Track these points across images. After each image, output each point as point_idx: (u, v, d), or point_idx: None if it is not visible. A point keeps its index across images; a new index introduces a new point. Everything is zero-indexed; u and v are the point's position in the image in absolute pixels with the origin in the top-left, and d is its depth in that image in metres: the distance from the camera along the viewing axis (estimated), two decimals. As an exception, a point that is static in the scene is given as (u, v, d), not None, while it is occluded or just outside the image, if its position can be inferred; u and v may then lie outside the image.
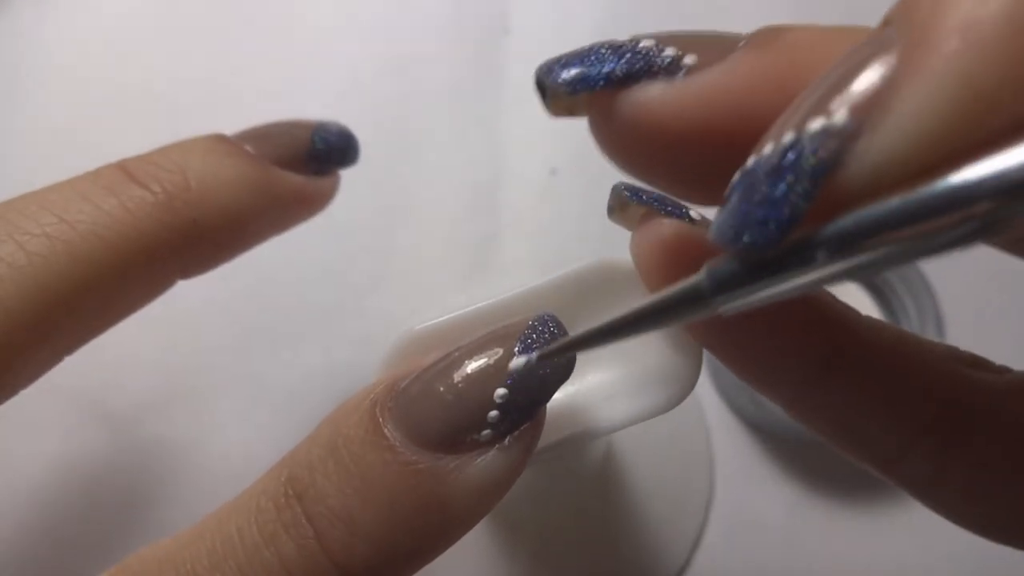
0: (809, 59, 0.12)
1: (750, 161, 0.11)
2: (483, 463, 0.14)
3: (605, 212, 0.17)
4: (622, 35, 0.15)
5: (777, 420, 0.29)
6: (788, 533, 0.30)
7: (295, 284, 0.34)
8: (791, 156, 0.11)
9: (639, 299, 0.13)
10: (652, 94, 0.13)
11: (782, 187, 0.11)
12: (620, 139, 0.14)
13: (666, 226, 0.15)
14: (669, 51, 0.13)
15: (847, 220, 0.10)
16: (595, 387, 0.17)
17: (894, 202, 0.10)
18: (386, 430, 0.14)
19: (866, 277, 0.10)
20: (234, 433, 0.32)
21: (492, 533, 0.28)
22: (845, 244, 0.10)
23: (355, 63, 0.37)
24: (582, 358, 0.15)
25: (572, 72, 0.14)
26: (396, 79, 0.37)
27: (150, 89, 0.37)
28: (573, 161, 0.35)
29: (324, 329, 0.33)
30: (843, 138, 0.10)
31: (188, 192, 0.18)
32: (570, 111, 0.15)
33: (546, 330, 0.14)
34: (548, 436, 0.16)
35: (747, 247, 0.11)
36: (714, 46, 0.13)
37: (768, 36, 0.13)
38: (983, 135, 0.09)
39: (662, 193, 0.16)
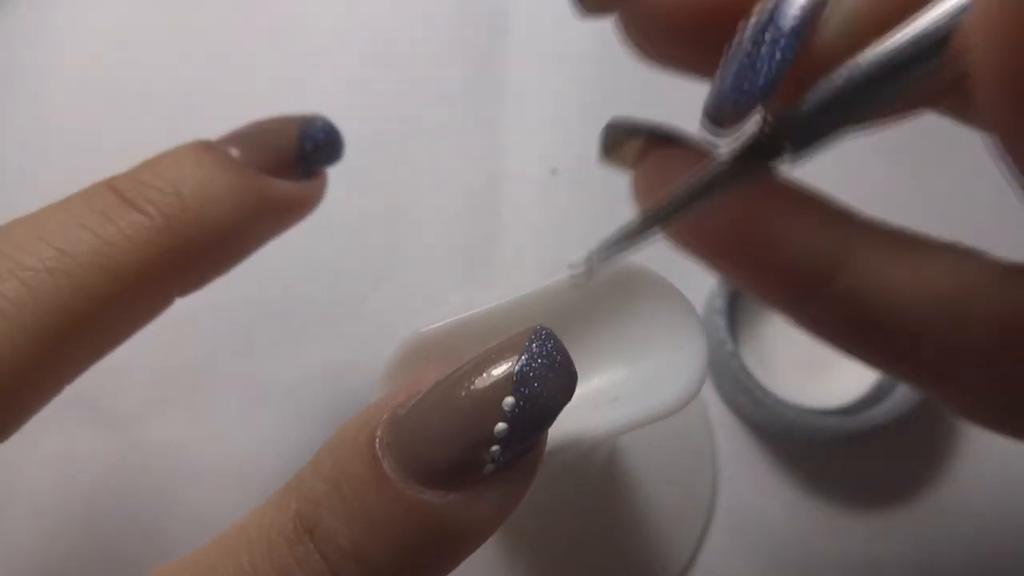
0: None
1: (736, 38, 0.12)
2: (488, 495, 0.14)
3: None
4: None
5: (777, 420, 0.29)
6: (790, 533, 0.30)
7: (295, 284, 0.34)
8: (777, 14, 0.12)
9: (644, 296, 0.13)
10: None
11: (771, 39, 0.12)
12: (649, 19, 0.14)
13: (671, 154, 0.16)
14: None
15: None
16: (600, 390, 0.17)
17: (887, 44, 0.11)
18: (387, 468, 0.14)
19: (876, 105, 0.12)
20: (234, 433, 0.32)
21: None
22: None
23: (355, 63, 0.37)
24: (587, 362, 0.15)
25: None
26: (396, 79, 0.37)
27: (150, 89, 0.37)
28: (573, 161, 0.35)
29: (324, 329, 0.33)
30: None
31: (185, 213, 0.18)
32: (603, 6, 0.15)
33: (544, 349, 0.14)
34: (554, 439, 0.15)
35: (746, 94, 0.12)
36: None
37: None
38: None
39: (658, 123, 0.16)
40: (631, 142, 0.16)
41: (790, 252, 0.15)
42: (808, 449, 0.31)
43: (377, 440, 0.14)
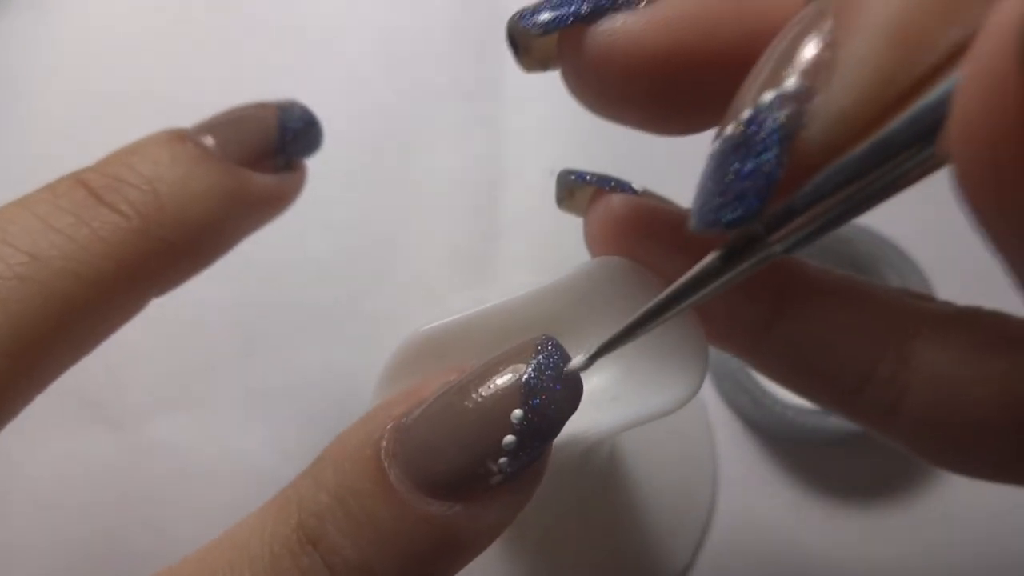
0: None
1: (715, 144, 0.12)
2: (494, 505, 0.14)
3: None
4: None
5: (777, 420, 0.29)
6: (791, 534, 0.30)
7: (295, 284, 0.34)
8: (754, 128, 0.11)
9: (645, 296, 0.13)
10: (616, 24, 0.14)
11: (752, 160, 0.11)
12: (592, 74, 0.14)
13: (616, 200, 0.16)
14: None
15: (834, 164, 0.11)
16: (600, 388, 0.17)
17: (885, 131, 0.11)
18: (393, 481, 0.13)
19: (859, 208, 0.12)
20: (234, 433, 0.32)
21: (493, 534, 0.28)
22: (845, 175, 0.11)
23: (355, 63, 0.37)
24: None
25: (543, 16, 0.14)
26: (396, 79, 0.37)
27: (149, 89, 0.37)
28: (573, 161, 0.35)
29: (324, 329, 0.33)
30: (799, 100, 0.11)
31: (162, 213, 0.17)
32: (543, 63, 0.15)
33: (550, 360, 0.14)
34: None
35: (731, 223, 0.12)
36: None
37: None
38: (922, 69, 0.10)
39: (605, 174, 0.17)
40: (582, 191, 0.17)
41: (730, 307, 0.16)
42: (808, 449, 0.31)
43: (382, 451, 0.14)
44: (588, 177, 0.17)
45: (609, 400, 0.16)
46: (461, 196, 0.35)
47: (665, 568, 0.29)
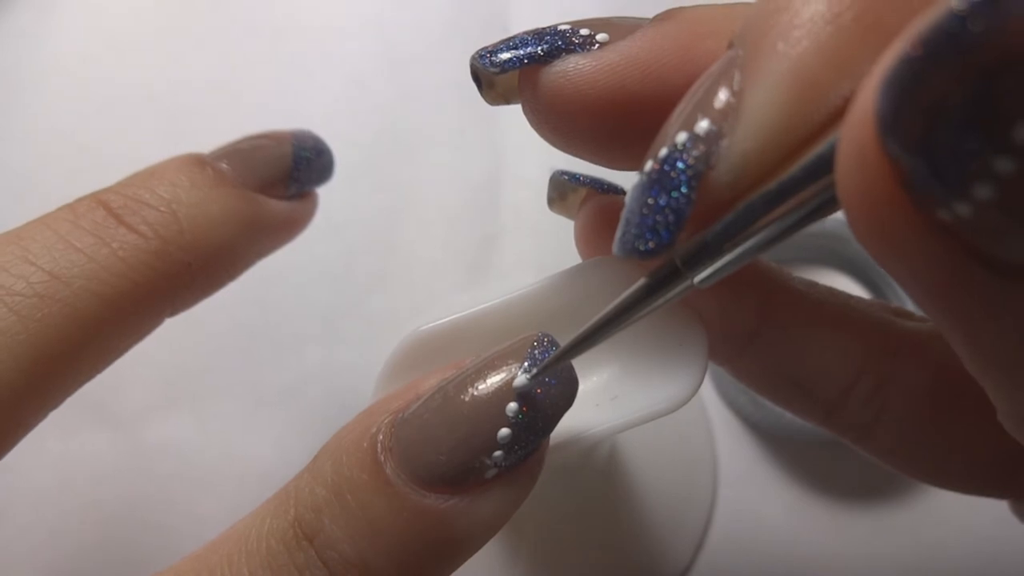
0: (702, 30, 0.14)
1: (637, 178, 0.13)
2: (490, 499, 0.14)
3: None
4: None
5: (777, 421, 0.29)
6: (791, 534, 0.30)
7: (295, 284, 0.34)
8: (668, 166, 0.12)
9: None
10: (569, 65, 0.14)
11: (665, 195, 0.12)
12: (547, 110, 0.15)
13: (606, 200, 0.17)
14: (584, 31, 0.15)
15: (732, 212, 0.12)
16: (600, 388, 0.17)
17: (769, 186, 0.11)
18: (390, 474, 0.14)
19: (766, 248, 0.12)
20: (235, 433, 0.32)
21: (493, 533, 0.28)
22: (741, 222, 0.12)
23: (355, 63, 0.37)
24: (587, 359, 0.15)
25: (501, 56, 0.15)
26: (396, 79, 0.37)
27: (151, 89, 0.37)
28: (573, 161, 0.35)
29: (324, 329, 0.33)
30: (708, 142, 0.12)
31: (182, 236, 0.18)
32: (506, 97, 0.16)
33: (546, 356, 0.14)
34: (553, 437, 0.15)
35: (646, 252, 0.12)
36: (624, 25, 0.14)
37: (669, 13, 0.14)
38: (820, 117, 0.11)
39: (598, 177, 0.17)
40: (574, 193, 0.18)
41: (714, 315, 0.16)
42: (808, 449, 0.31)
43: (379, 445, 0.14)
44: (581, 179, 0.17)
45: (609, 400, 0.16)
46: (461, 196, 0.35)
47: (665, 568, 0.29)
